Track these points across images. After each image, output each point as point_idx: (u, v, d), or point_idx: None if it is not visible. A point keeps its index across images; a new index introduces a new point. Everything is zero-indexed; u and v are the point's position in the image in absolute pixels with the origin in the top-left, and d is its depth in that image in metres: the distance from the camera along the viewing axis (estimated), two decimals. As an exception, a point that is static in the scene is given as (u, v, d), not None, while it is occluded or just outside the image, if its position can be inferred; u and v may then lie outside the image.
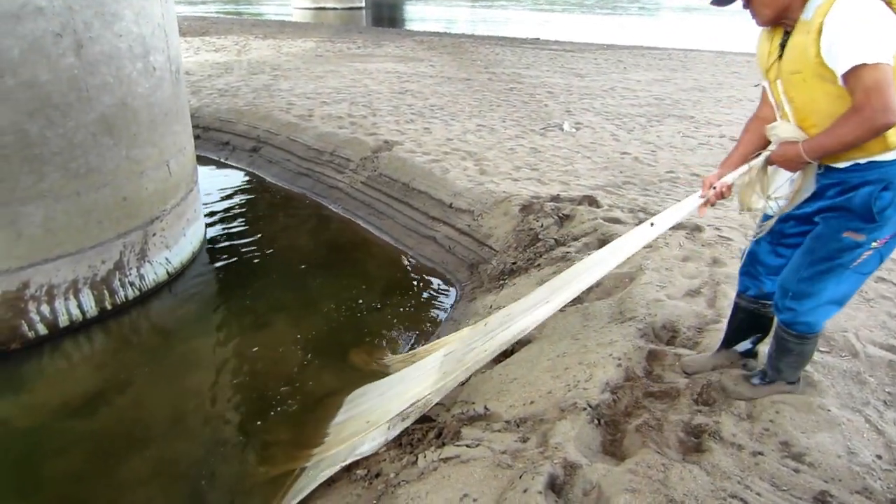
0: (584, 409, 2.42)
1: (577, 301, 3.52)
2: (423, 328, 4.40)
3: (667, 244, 4.02)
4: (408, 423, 2.74)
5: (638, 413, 2.40)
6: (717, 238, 4.22)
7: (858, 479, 2.03)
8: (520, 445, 2.36)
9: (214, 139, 8.58)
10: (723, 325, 2.94)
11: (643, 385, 2.56)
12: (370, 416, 2.96)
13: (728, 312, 3.10)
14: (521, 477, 2.10)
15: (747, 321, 2.57)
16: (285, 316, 4.44)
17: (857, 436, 2.22)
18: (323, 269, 5.33)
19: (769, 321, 2.50)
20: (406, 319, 4.50)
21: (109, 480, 2.86)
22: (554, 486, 2.07)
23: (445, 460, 2.40)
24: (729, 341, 2.66)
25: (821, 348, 2.75)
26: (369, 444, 2.74)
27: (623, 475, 2.02)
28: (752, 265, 2.44)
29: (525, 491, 2.01)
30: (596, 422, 2.38)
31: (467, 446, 2.43)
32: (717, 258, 3.81)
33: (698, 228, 4.35)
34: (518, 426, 2.54)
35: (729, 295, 3.26)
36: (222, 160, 8.23)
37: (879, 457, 2.15)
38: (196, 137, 8.77)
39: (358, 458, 2.69)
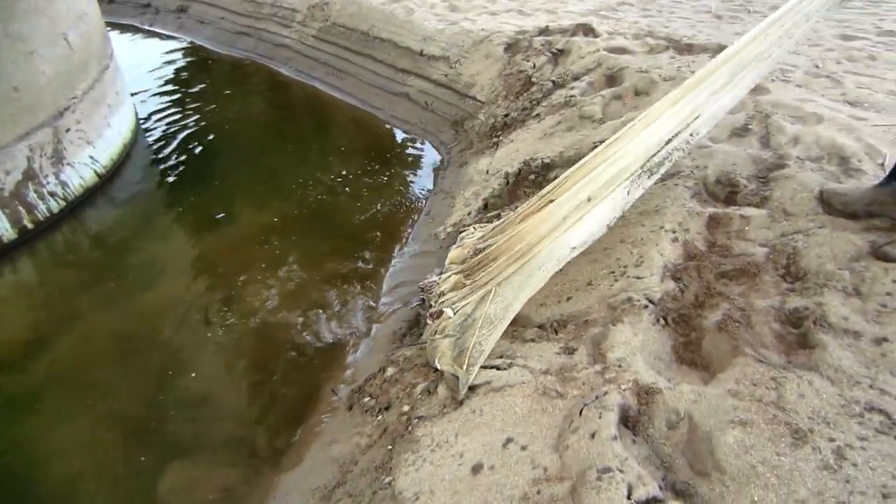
0: (645, 305, 1.86)
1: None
2: (409, 202, 3.76)
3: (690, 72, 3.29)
4: (661, 172, 2.15)
5: (713, 303, 1.85)
6: (750, 58, 3.48)
7: None
8: (566, 361, 1.83)
9: (132, 1, 7.29)
10: (791, 170, 2.35)
11: (712, 263, 1.99)
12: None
13: (791, 151, 2.51)
14: (581, 413, 1.58)
15: None
16: (247, 203, 3.76)
17: None
18: (281, 142, 4.56)
19: None
20: (387, 194, 3.83)
21: (56, 446, 2.33)
22: (627, 422, 1.56)
23: (473, 388, 1.89)
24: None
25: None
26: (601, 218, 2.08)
27: (722, 400, 1.50)
28: None
29: (593, 436, 1.49)
30: (662, 321, 1.83)
31: (497, 368, 1.91)
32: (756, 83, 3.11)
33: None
34: (556, 332, 2.00)
35: (786, 129, 2.63)
36: (146, 27, 7.02)
37: None
38: (110, 1, 7.51)
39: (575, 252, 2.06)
